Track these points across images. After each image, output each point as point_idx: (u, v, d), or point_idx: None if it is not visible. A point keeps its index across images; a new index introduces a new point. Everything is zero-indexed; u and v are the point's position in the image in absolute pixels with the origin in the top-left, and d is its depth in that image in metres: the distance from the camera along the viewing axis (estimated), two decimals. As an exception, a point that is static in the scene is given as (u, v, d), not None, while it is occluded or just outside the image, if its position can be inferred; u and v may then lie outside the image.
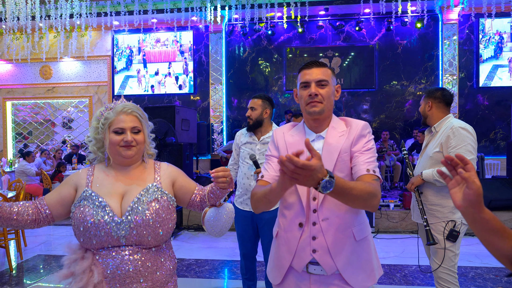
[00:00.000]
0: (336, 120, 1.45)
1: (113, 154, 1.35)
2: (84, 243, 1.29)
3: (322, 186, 1.05)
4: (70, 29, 7.83)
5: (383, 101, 8.19)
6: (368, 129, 1.41)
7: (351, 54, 8.18)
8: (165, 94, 8.66)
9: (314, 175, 1.02)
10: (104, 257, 1.26)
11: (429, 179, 2.18)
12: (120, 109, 1.35)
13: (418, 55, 8.05)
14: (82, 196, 1.31)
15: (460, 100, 7.85)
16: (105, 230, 1.25)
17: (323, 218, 1.33)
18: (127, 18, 7.75)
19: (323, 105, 1.38)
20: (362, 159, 1.33)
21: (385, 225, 5.28)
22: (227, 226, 1.47)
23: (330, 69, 1.44)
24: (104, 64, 8.79)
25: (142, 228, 1.26)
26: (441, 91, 2.33)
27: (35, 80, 8.87)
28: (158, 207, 1.31)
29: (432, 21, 7.97)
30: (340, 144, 1.37)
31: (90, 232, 1.25)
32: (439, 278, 2.18)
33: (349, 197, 1.17)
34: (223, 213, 1.45)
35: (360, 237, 1.37)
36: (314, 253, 1.33)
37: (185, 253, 4.34)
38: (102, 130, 1.35)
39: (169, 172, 1.43)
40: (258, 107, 2.56)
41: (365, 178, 1.29)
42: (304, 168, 0.99)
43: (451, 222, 2.15)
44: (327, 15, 8.11)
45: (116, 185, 1.34)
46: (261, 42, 8.45)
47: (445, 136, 2.17)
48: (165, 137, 4.92)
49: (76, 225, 1.29)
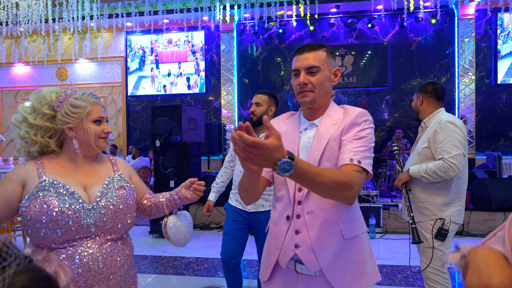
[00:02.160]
0: (334, 108, 1.34)
1: (86, 144, 1.27)
2: (44, 238, 1.16)
3: (280, 167, 0.95)
4: (83, 31, 8.05)
5: (397, 100, 7.98)
6: (364, 117, 1.26)
7: (364, 51, 8.02)
8: (177, 94, 8.76)
9: (269, 154, 0.93)
10: (71, 256, 1.17)
11: (415, 176, 2.10)
12: (92, 99, 1.29)
13: (433, 52, 7.80)
14: (40, 187, 1.19)
15: (477, 98, 7.55)
16: (73, 218, 1.17)
17: (308, 211, 1.24)
18: (138, 19, 7.90)
19: (314, 94, 1.28)
20: (348, 148, 1.21)
21: (393, 225, 5.13)
22: (190, 233, 1.46)
23: (326, 51, 1.31)
24: (117, 65, 8.98)
25: (112, 214, 1.24)
26: (432, 85, 2.24)
27: (52, 82, 9.17)
28: (126, 194, 1.31)
29: (447, 16, 7.71)
30: (330, 132, 1.26)
31: (56, 222, 1.15)
32: (427, 279, 2.10)
33: (313, 183, 1.05)
34: (183, 220, 1.45)
35: (350, 236, 1.25)
36: (297, 249, 1.25)
37: (187, 251, 4.36)
38: (69, 118, 1.23)
39: (126, 166, 1.43)
40: (264, 103, 2.45)
41: (346, 168, 1.17)
42: (255, 146, 0.91)
43: (439, 220, 2.07)
44: (338, 13, 7.98)
45: (76, 176, 1.27)
46: (273, 41, 8.41)
47: (433, 131, 2.08)
48: (169, 136, 4.96)
49: (33, 219, 1.16)
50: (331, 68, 1.31)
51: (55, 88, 1.28)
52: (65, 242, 1.18)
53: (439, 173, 2.01)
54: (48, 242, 1.17)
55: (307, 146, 1.31)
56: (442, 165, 2.00)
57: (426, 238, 2.10)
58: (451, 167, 1.98)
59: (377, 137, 8.03)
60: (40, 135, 1.23)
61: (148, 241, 4.88)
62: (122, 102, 8.99)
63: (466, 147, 2.14)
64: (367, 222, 4.92)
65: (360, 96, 8.16)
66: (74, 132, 1.26)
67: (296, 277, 1.29)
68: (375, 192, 5.19)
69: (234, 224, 2.44)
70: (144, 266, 3.89)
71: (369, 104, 8.11)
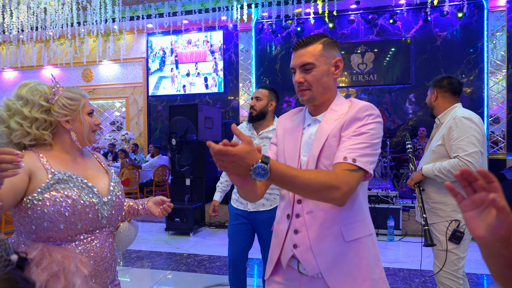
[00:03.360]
0: (340, 102, 1.27)
1: (81, 137, 1.27)
2: (61, 231, 1.15)
3: (254, 172, 0.95)
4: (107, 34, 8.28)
5: (420, 97, 7.70)
6: (367, 111, 1.17)
7: (386, 48, 7.79)
8: (196, 94, 8.85)
9: (240, 160, 0.92)
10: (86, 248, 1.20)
11: (429, 175, 1.99)
12: (81, 91, 1.30)
13: (460, 47, 7.46)
14: (56, 179, 1.17)
15: (509, 95, 7.15)
16: (93, 211, 1.21)
17: (307, 210, 1.20)
18: (158, 21, 8.04)
19: (312, 92, 1.23)
20: (345, 145, 1.14)
21: (413, 228, 4.94)
22: (132, 241, 1.50)
23: (323, 43, 1.23)
24: (139, 66, 9.19)
25: (118, 207, 1.30)
26: (447, 79, 2.12)
27: (78, 83, 9.51)
28: (122, 188, 1.38)
29: (475, 9, 7.35)
30: (331, 128, 1.20)
31: (79, 216, 1.17)
32: (440, 283, 1.98)
33: (293, 186, 1.02)
34: (133, 229, 1.49)
35: (351, 238, 1.19)
36: (295, 249, 1.21)
37: (200, 249, 4.38)
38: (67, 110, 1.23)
39: (105, 162, 1.46)
40: (264, 98, 2.40)
41: (337, 166, 1.11)
42: (222, 154, 0.91)
43: (454, 222, 1.95)
44: (358, 9, 7.79)
45: (76, 168, 1.27)
46: (291, 39, 8.32)
47: (448, 127, 1.96)
48: (185, 134, 5.00)
49: (51, 213, 1.14)
50: (330, 60, 1.24)
51: (37, 81, 1.26)
52: (80, 234, 1.20)
53: (454, 172, 1.89)
54: (64, 235, 1.16)
55: (308, 143, 1.26)
56: (457, 164, 1.88)
57: (440, 241, 1.99)
58: (467, 165, 1.86)
59: (399, 136, 7.78)
60: (34, 127, 1.20)
61: (164, 238, 4.94)
62: (143, 102, 9.19)
63: (485, 145, 2.01)
64: (385, 224, 4.76)
65: (382, 94, 7.93)
66: (71, 125, 1.25)
67: (299, 277, 1.25)
68: (395, 193, 5.01)
69: (237, 227, 2.42)
70: (159, 262, 3.94)
71: (392, 102, 7.87)
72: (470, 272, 3.46)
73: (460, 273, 1.95)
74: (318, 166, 1.21)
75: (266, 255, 2.40)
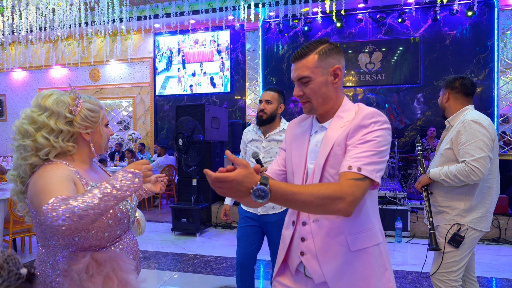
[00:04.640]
0: (347, 107, 1.24)
1: (97, 148, 1.31)
2: (105, 238, 1.21)
3: (255, 195, 0.94)
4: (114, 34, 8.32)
5: (429, 97, 7.61)
6: (373, 118, 1.14)
7: (394, 47, 7.71)
8: (203, 94, 8.86)
9: (238, 185, 0.92)
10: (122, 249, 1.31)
11: (436, 178, 1.95)
12: (98, 102, 1.33)
13: (470, 46, 7.35)
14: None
15: (520, 95, 7.03)
16: (127, 217, 1.31)
17: (314, 218, 1.21)
18: (165, 21, 8.05)
19: (311, 104, 1.24)
20: (350, 154, 1.12)
21: (422, 229, 4.88)
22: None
23: (318, 53, 1.20)
24: (146, 66, 9.22)
25: (134, 212, 1.40)
26: (460, 80, 2.07)
27: (86, 83, 9.58)
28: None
29: (486, 8, 7.23)
30: (336, 136, 1.19)
31: (119, 222, 1.26)
32: (434, 284, 1.97)
33: (295, 203, 1.01)
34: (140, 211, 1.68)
35: (357, 248, 1.17)
36: (302, 256, 1.22)
37: (207, 250, 4.38)
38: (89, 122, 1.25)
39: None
40: (274, 101, 2.37)
41: (342, 176, 1.09)
42: (219, 181, 0.91)
43: (456, 226, 1.92)
44: (366, 8, 7.72)
45: (99, 177, 1.33)
46: (298, 39, 8.28)
47: (456, 131, 1.93)
48: (192, 135, 5.00)
49: (98, 221, 1.17)
50: (328, 69, 1.21)
51: (58, 91, 1.26)
52: (115, 238, 1.29)
53: (460, 177, 1.86)
54: (104, 243, 1.22)
55: (315, 151, 1.25)
56: (463, 169, 1.84)
57: (439, 243, 1.96)
58: (473, 171, 1.82)
59: (407, 136, 7.69)
60: (60, 139, 1.19)
61: (170, 238, 4.95)
62: (150, 101, 9.22)
63: (495, 150, 1.96)
64: (393, 226, 4.71)
65: (390, 94, 7.85)
66: (91, 136, 1.27)
67: (305, 280, 1.26)
68: (403, 194, 4.96)
69: (245, 230, 2.41)
70: (165, 263, 3.94)
71: (400, 102, 7.79)
72: (480, 276, 3.40)
73: (455, 277, 1.92)
74: (324, 175, 1.20)
75: (275, 258, 2.39)
